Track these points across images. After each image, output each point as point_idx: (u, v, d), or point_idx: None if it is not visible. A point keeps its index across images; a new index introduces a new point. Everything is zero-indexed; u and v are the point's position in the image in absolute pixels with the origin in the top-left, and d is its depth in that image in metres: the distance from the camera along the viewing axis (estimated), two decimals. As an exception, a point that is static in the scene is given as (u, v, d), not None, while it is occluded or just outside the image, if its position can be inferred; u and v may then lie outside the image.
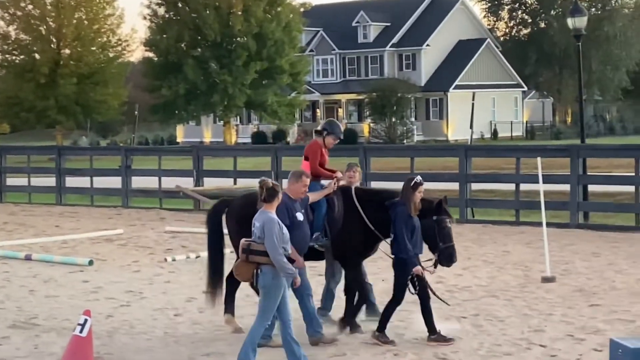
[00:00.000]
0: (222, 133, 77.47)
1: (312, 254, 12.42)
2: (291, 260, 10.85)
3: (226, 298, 12.83)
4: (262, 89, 69.81)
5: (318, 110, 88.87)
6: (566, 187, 23.07)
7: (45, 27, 70.72)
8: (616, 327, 12.63)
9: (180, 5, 71.28)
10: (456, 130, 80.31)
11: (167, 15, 72.74)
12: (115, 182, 30.45)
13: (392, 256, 12.00)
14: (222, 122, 77.01)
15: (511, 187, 24.26)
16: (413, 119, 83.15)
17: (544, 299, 14.67)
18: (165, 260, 19.08)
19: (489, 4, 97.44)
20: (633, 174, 22.53)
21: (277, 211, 11.25)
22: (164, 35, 71.37)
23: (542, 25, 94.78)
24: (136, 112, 75.72)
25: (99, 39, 71.90)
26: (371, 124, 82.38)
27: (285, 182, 26.90)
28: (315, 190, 12.60)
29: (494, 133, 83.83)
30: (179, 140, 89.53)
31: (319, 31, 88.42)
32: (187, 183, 28.93)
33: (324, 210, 12.49)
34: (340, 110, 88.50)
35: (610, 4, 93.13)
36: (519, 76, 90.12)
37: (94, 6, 70.97)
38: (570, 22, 27.32)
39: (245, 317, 12.98)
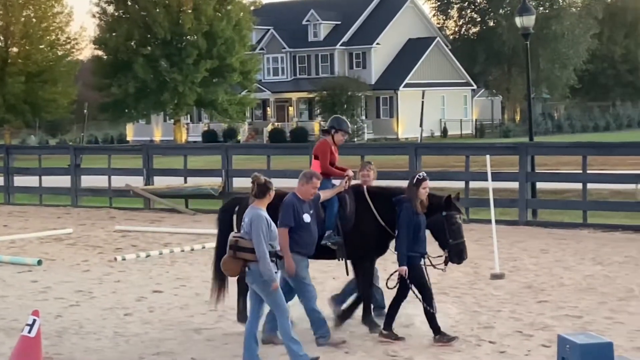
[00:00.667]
0: (173, 132, 77.25)
1: (325, 253, 12.36)
2: (279, 256, 10.82)
3: (238, 301, 12.73)
4: (212, 88, 69.64)
5: (269, 109, 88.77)
6: (515, 185, 23.21)
7: (-8, 25, 70.03)
8: (564, 323, 12.74)
9: (129, 3, 70.98)
10: (406, 128, 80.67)
11: (116, 14, 72.37)
12: (64, 181, 30.18)
13: (396, 252, 11.87)
14: (172, 120, 76.78)
15: (461, 184, 24.36)
16: (363, 118, 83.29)
17: (493, 295, 14.76)
18: (115, 259, 18.93)
19: (438, 3, 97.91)
20: (580, 172, 22.75)
21: (283, 211, 11.43)
22: (114, 34, 71.00)
23: (491, 24, 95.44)
24: (85, 111, 75.34)
25: (48, 37, 71.31)
26: (322, 123, 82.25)
27: (235, 180, 27.24)
28: (326, 188, 12.45)
29: (444, 131, 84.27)
30: (129, 139, 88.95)
31: (269, 30, 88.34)
32: (137, 182, 28.70)
33: (335, 208, 12.34)
34: (291, 108, 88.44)
35: (557, 3, 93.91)
36: (468, 74, 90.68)
37: (42, 4, 70.41)
38: (518, 20, 27.51)
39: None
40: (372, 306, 12.59)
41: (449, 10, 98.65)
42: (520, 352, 11.46)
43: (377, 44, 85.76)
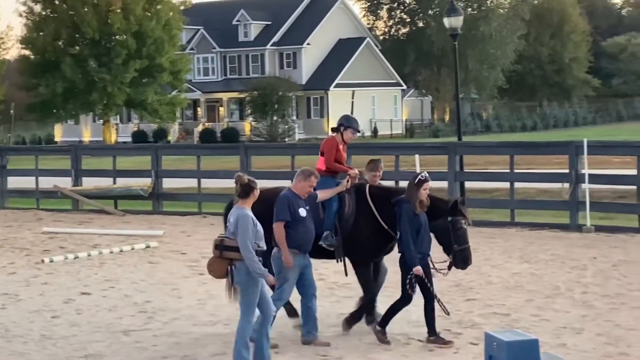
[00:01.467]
0: (102, 132, 76.36)
1: (324, 253, 12.19)
2: (264, 256, 10.65)
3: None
4: (142, 88, 69.07)
5: (199, 109, 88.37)
6: (444, 184, 23.29)
7: None
8: (491, 320, 12.87)
9: (57, 2, 70.06)
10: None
11: (43, 13, 71.39)
12: (-10, 182, 29.88)
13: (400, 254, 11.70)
14: (101, 121, 75.92)
15: (390, 184, 24.48)
16: (294, 118, 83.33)
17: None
18: (43, 261, 18.68)
19: (368, 4, 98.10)
20: (508, 171, 23.02)
21: (278, 205, 11.41)
22: (41, 33, 70.03)
23: (421, 24, 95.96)
24: (12, 111, 74.18)
25: (-29, 36, 70.42)
26: (252, 123, 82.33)
27: (165, 181, 27.10)
28: (330, 186, 12.31)
29: (374, 131, 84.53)
30: (57, 139, 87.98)
31: (199, 29, 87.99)
32: (65, 183, 28.39)
33: (335, 208, 12.16)
34: (221, 109, 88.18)
35: (485, 4, 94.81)
36: (398, 75, 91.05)
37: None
38: (446, 21, 27.76)
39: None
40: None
41: (379, 11, 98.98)
42: (449, 350, 11.53)
43: (308, 44, 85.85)
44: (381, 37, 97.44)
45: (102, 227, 23.95)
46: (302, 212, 11.43)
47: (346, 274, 12.57)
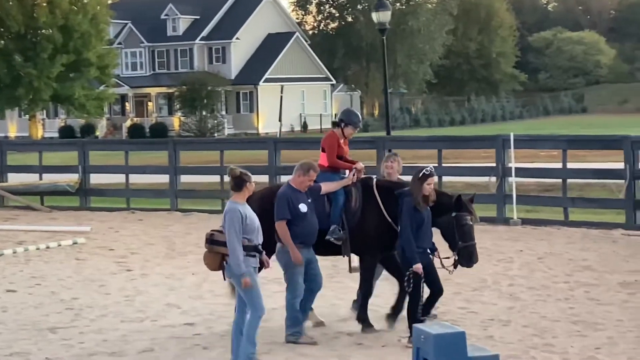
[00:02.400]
0: (28, 127, 75.36)
1: (330, 248, 11.98)
2: (257, 250, 10.38)
3: None
4: (69, 83, 68.25)
5: (127, 104, 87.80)
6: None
7: None
8: (420, 314, 12.90)
9: (-19, -4, 69.11)
10: (267, 123, 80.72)
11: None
12: None
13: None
14: (27, 116, 74.86)
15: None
16: (224, 113, 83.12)
17: (351, 288, 14.85)
18: (-33, 259, 18.44)
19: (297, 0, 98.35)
20: (436, 165, 23.16)
21: (278, 204, 11.27)
22: (-37, 27, 69.08)
23: (350, 19, 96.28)
24: None
25: None
26: (182, 118, 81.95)
27: (92, 177, 26.80)
28: (334, 180, 12.16)
29: (304, 126, 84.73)
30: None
31: (127, 24, 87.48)
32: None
33: (341, 202, 11.95)
34: (150, 103, 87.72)
35: (414, 0, 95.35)
36: (328, 70, 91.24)
37: None
38: (375, 16, 27.91)
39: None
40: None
41: (308, 6, 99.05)
42: (377, 343, 11.56)
43: (237, 38, 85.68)
44: (310, 32, 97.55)
45: (28, 224, 23.56)
46: (303, 207, 11.31)
47: (350, 271, 12.45)
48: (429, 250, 11.39)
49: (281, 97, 73.67)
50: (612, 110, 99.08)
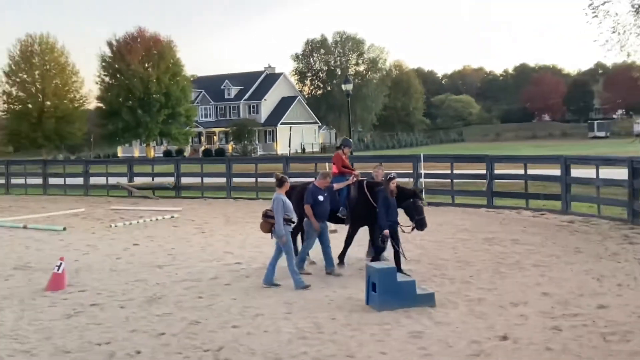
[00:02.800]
0: (145, 151, 75.37)
1: (339, 219, 12.00)
2: (291, 221, 10.39)
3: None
4: (169, 125, 68.36)
5: (202, 137, 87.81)
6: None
7: (34, 88, 67.48)
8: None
9: (118, 75, 68.77)
10: (281, 148, 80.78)
11: (110, 81, 69.90)
12: (79, 180, 29.22)
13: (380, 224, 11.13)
14: (144, 144, 74.81)
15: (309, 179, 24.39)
16: (257, 142, 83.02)
17: (331, 242, 14.76)
18: (110, 226, 18.22)
19: (299, 76, 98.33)
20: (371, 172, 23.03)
21: (307, 195, 11.21)
22: (109, 94, 68.76)
23: (329, 88, 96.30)
24: (92, 139, 72.74)
25: (68, 95, 68.75)
26: (233, 145, 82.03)
27: (183, 179, 26.46)
28: (342, 182, 12.08)
29: (303, 150, 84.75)
30: (119, 155, 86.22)
31: (201, 92, 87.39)
32: (123, 180, 27.92)
33: (345, 194, 11.96)
34: (215, 137, 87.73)
35: (366, 77, 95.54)
36: (317, 117, 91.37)
37: (65, 76, 67.98)
38: (343, 86, 27.88)
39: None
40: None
41: (305, 80, 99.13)
42: (346, 275, 11.48)
43: (265, 99, 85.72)
44: (307, 95, 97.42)
45: (146, 206, 23.41)
46: (321, 197, 11.24)
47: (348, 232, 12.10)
48: (395, 223, 11.17)
49: (290, 134, 73.80)
50: (479, 141, 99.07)
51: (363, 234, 12.19)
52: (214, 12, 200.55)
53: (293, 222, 10.51)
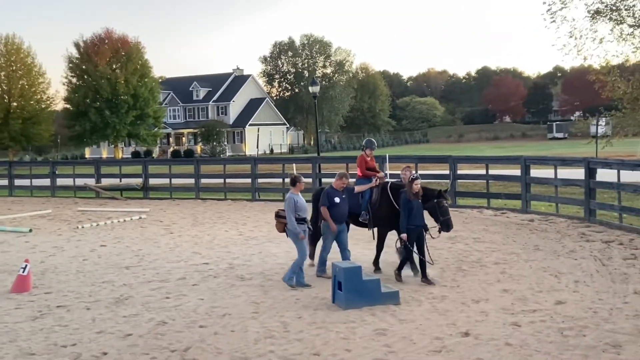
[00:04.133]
0: (114, 152, 74.35)
1: (361, 224, 11.50)
2: (304, 220, 10.24)
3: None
4: (137, 126, 67.47)
5: (170, 138, 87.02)
6: (308, 180, 23.17)
7: (0, 89, 66.02)
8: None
9: (85, 77, 67.61)
10: (250, 149, 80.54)
11: (77, 83, 68.63)
12: (46, 181, 28.72)
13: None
14: (113, 145, 73.76)
15: (279, 180, 24.36)
16: (226, 143, 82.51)
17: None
18: (77, 227, 17.95)
19: (267, 78, 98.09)
20: (345, 172, 22.99)
21: (322, 196, 10.83)
22: (76, 95, 67.58)
23: (297, 90, 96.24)
24: (59, 140, 71.52)
25: (35, 96, 67.41)
26: (201, 146, 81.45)
27: (151, 180, 26.17)
28: (364, 184, 11.53)
29: (271, 151, 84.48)
30: (87, 156, 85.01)
31: (170, 93, 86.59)
32: (90, 181, 27.46)
33: (367, 197, 11.38)
34: (184, 138, 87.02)
35: (333, 79, 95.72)
36: (285, 118, 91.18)
37: (32, 77, 66.59)
38: (310, 89, 27.80)
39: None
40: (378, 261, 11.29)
41: (273, 82, 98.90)
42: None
43: (233, 101, 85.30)
44: (275, 97, 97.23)
45: (113, 207, 23.06)
46: (337, 199, 10.72)
47: (373, 238, 11.49)
48: (418, 227, 10.39)
49: (258, 135, 73.70)
50: (443, 141, 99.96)
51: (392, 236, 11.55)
52: (182, 14, 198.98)
53: (304, 221, 10.33)
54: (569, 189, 18.33)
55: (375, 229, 11.41)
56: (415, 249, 10.29)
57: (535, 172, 18.94)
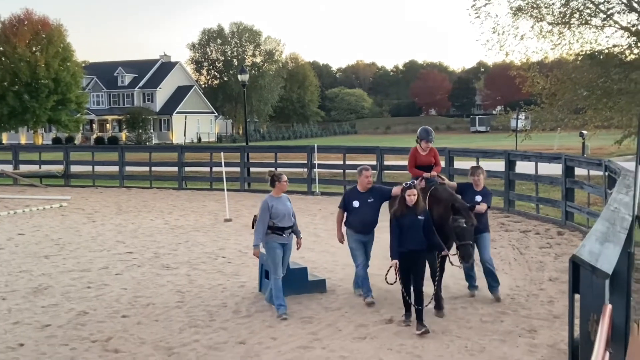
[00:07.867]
0: (33, 138, 71.44)
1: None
2: (281, 230, 8.16)
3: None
4: (58, 112, 64.97)
5: (94, 125, 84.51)
6: (236, 169, 23.18)
7: None
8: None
9: (3, 59, 64.51)
10: (177, 137, 79.24)
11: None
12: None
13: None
14: (32, 131, 70.86)
15: (207, 169, 24.14)
16: (152, 131, 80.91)
17: (226, 231, 14.71)
18: (-7, 215, 17.25)
19: (195, 66, 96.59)
20: (273, 161, 23.06)
21: (342, 198, 8.87)
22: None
23: (225, 78, 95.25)
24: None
25: None
26: (127, 133, 79.43)
27: (73, 167, 25.39)
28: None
29: (199, 139, 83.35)
30: (4, 142, 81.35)
31: (93, 78, 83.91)
32: (8, 167, 26.36)
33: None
34: (108, 125, 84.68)
35: (262, 68, 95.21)
36: (213, 107, 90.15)
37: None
38: (239, 77, 27.55)
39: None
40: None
41: (202, 70, 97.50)
42: (238, 268, 11.39)
43: (160, 88, 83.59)
44: (203, 85, 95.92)
45: (32, 194, 22.27)
46: (356, 203, 8.58)
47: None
48: (413, 251, 7.59)
49: (185, 123, 72.62)
50: (371, 133, 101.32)
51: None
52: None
53: (282, 231, 8.23)
54: (490, 181, 18.84)
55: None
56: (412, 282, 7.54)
57: (459, 163, 19.44)
